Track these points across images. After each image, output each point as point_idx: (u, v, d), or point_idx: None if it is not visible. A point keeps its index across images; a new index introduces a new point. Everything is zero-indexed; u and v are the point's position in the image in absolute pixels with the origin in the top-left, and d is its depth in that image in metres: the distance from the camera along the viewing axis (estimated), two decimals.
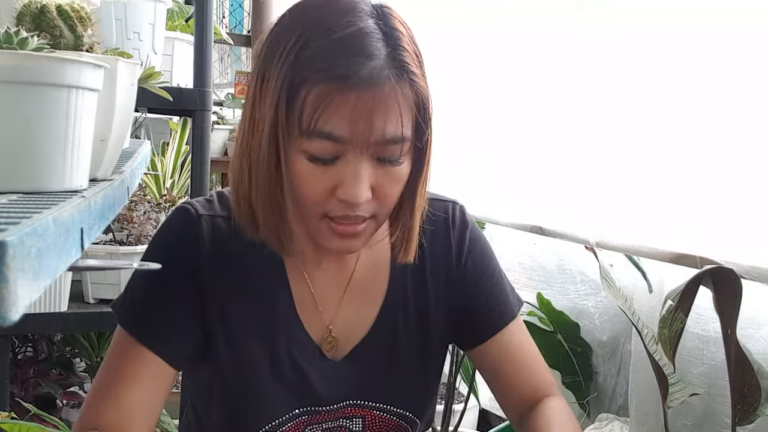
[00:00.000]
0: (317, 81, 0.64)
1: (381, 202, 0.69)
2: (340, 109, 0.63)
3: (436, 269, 0.83)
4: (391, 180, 0.69)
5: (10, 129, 0.48)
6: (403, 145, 0.67)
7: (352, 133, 0.64)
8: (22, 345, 1.75)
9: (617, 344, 1.51)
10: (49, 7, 0.60)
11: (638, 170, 1.29)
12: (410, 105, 0.66)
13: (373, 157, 0.67)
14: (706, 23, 1.15)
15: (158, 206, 1.68)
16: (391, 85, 0.64)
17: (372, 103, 0.64)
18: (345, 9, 0.66)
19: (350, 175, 0.66)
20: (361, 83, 0.63)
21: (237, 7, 4.40)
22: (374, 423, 0.82)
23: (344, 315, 0.81)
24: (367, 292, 0.82)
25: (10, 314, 0.28)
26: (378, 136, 0.65)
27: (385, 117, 0.64)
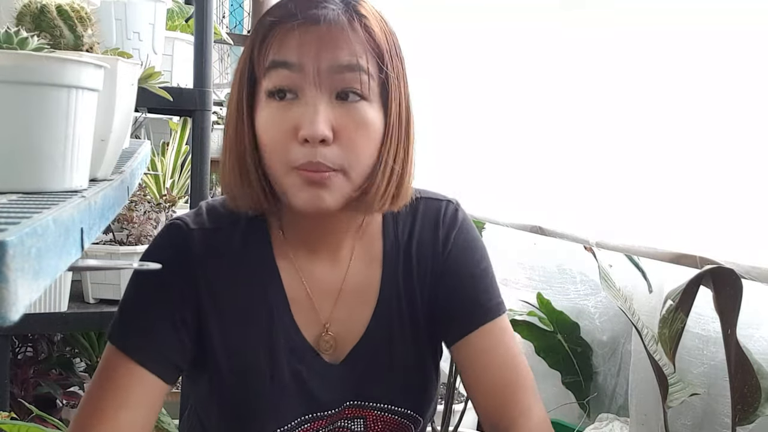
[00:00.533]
0: (272, 26, 0.69)
1: (346, 151, 0.68)
2: (291, 38, 0.67)
3: (423, 267, 0.83)
4: (353, 121, 0.68)
5: (10, 129, 0.48)
6: (360, 76, 0.67)
7: (303, 58, 0.67)
8: (22, 345, 1.75)
9: (617, 344, 1.51)
10: (49, 7, 0.60)
11: (638, 170, 1.29)
12: (364, 44, 0.68)
13: (331, 92, 0.68)
14: (706, 23, 1.15)
15: (158, 206, 1.68)
16: (341, 22, 0.67)
17: (322, 33, 0.67)
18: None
19: (306, 110, 0.67)
20: (313, 18, 0.67)
21: (237, 7, 4.40)
22: (376, 423, 0.82)
23: (340, 315, 0.81)
24: (360, 292, 0.81)
25: (10, 314, 0.28)
26: (330, 62, 0.67)
27: (335, 45, 0.67)
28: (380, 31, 0.70)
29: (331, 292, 0.81)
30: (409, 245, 0.81)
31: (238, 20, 4.44)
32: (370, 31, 0.69)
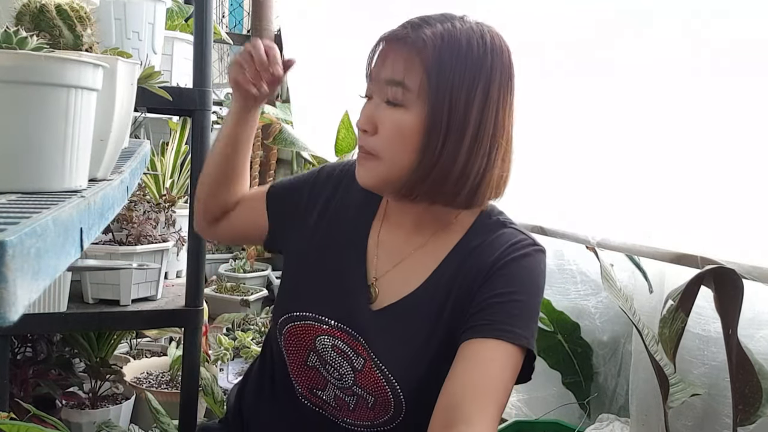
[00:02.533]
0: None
1: (379, 141, 0.85)
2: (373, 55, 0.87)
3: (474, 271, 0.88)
4: (389, 120, 0.84)
5: (10, 129, 0.48)
6: (397, 89, 0.83)
7: (371, 72, 0.87)
8: (21, 345, 1.75)
9: (617, 344, 1.51)
10: (48, 6, 0.60)
11: (639, 171, 1.29)
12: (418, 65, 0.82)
13: (384, 99, 0.85)
14: (706, 23, 1.15)
15: (158, 206, 1.68)
16: (400, 42, 0.84)
17: (387, 50, 0.85)
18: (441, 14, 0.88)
19: (364, 107, 0.88)
20: (388, 38, 0.86)
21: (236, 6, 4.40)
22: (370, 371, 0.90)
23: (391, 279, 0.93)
24: (415, 271, 0.92)
25: (9, 314, 0.28)
26: (381, 76, 0.85)
27: (392, 62, 0.84)
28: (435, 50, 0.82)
29: (393, 259, 0.95)
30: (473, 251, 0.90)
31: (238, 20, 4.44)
32: (422, 49, 0.82)
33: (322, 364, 0.94)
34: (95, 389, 1.84)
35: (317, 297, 0.95)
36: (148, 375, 2.12)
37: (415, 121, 0.83)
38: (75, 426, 1.75)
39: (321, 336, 0.93)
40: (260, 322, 2.49)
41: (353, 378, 0.92)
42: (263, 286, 3.24)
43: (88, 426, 1.75)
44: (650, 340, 1.01)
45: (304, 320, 0.94)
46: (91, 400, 1.83)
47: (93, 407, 1.81)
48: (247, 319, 2.55)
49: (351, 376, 0.92)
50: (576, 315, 1.55)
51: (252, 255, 3.38)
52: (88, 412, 1.79)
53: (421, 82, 0.82)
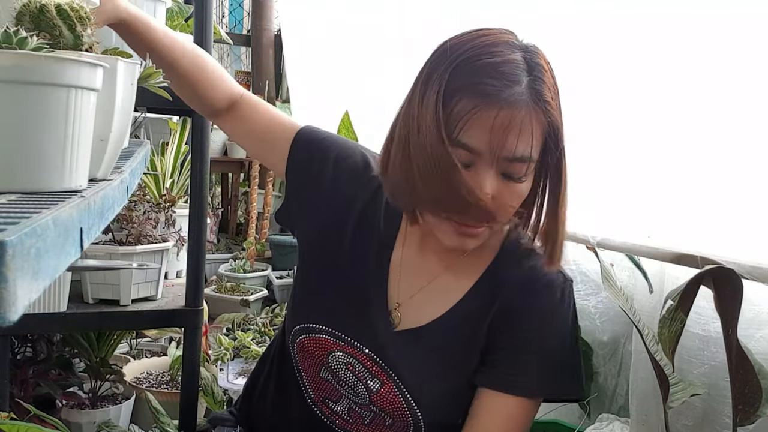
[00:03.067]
0: (466, 93, 0.74)
1: (498, 213, 0.78)
2: (481, 124, 0.73)
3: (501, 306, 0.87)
4: (512, 194, 0.78)
5: (10, 129, 0.48)
6: (528, 165, 0.76)
7: (487, 147, 0.74)
8: (21, 345, 1.75)
9: (618, 344, 1.51)
10: (48, 6, 0.60)
11: (639, 170, 1.29)
12: (542, 130, 0.76)
13: (499, 171, 0.76)
14: (705, 22, 1.15)
15: (158, 206, 1.68)
16: (527, 110, 0.74)
17: (509, 123, 0.73)
18: (499, 42, 0.77)
19: (476, 182, 0.75)
20: (502, 102, 0.73)
21: (236, 6, 4.40)
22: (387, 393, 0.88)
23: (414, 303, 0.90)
24: (442, 294, 0.89)
25: (9, 314, 0.28)
26: (508, 153, 0.74)
27: (518, 136, 0.74)
28: (556, 110, 0.77)
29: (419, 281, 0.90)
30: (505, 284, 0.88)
31: (238, 20, 4.44)
32: (550, 115, 0.76)
33: (335, 379, 0.92)
34: (95, 389, 1.85)
35: (334, 311, 0.91)
36: (148, 375, 2.12)
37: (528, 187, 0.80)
38: (75, 426, 1.75)
39: (335, 352, 0.90)
40: (260, 322, 2.49)
41: (368, 398, 0.89)
42: (263, 286, 3.24)
43: (88, 426, 1.75)
44: (650, 340, 1.01)
45: (318, 333, 0.90)
46: (91, 400, 1.83)
47: (93, 407, 1.81)
48: (247, 319, 2.55)
49: (366, 396, 0.89)
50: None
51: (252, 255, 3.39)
52: (88, 412, 1.79)
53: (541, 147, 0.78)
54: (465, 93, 0.73)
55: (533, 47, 0.80)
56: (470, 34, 0.79)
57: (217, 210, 3.68)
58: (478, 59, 0.75)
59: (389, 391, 0.87)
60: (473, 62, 0.75)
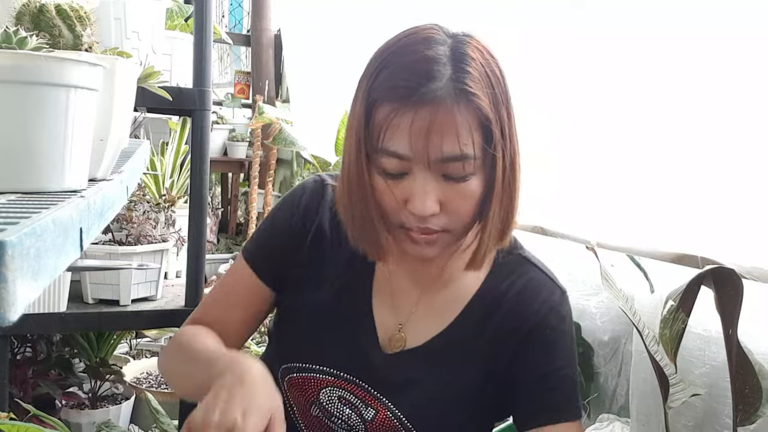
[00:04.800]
0: (383, 101, 0.71)
1: (452, 217, 0.74)
2: (400, 127, 0.70)
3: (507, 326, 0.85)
4: (460, 196, 0.73)
5: (9, 129, 0.48)
6: (464, 163, 0.71)
7: (413, 151, 0.70)
8: (21, 345, 1.75)
9: (618, 345, 1.51)
10: (48, 6, 0.60)
11: (640, 171, 1.29)
12: (470, 124, 0.70)
13: (439, 173, 0.71)
14: (706, 23, 1.15)
15: (157, 206, 1.68)
16: (447, 106, 0.69)
17: (429, 121, 0.69)
18: (419, 39, 0.73)
19: (416, 190, 0.72)
20: (420, 102, 0.68)
21: (236, 6, 4.40)
22: (382, 421, 0.84)
23: (415, 319, 0.86)
24: (442, 306, 0.85)
25: (9, 314, 0.28)
26: (437, 154, 0.70)
27: (441, 134, 0.69)
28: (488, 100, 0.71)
29: (408, 300, 0.86)
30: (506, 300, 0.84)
31: (238, 19, 4.44)
32: (477, 106, 0.70)
33: (327, 416, 0.87)
34: (95, 389, 1.84)
35: (321, 346, 0.85)
36: (147, 375, 2.12)
37: (481, 180, 0.74)
38: (75, 426, 1.75)
39: (326, 388, 0.85)
40: None
41: (363, 427, 0.86)
42: None
43: (87, 426, 1.75)
44: (650, 341, 1.01)
45: (306, 372, 0.85)
46: (91, 401, 1.83)
47: (93, 407, 1.81)
48: None
49: (361, 426, 0.86)
50: (577, 315, 1.54)
51: None
52: (87, 412, 1.79)
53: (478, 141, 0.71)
54: (382, 100, 0.71)
55: (463, 37, 0.74)
56: (394, 38, 0.76)
57: (217, 210, 3.68)
58: (394, 62, 0.72)
59: (384, 418, 0.84)
60: (390, 66, 0.72)
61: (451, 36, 0.74)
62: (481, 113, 0.70)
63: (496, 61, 0.75)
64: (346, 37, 2.25)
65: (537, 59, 1.54)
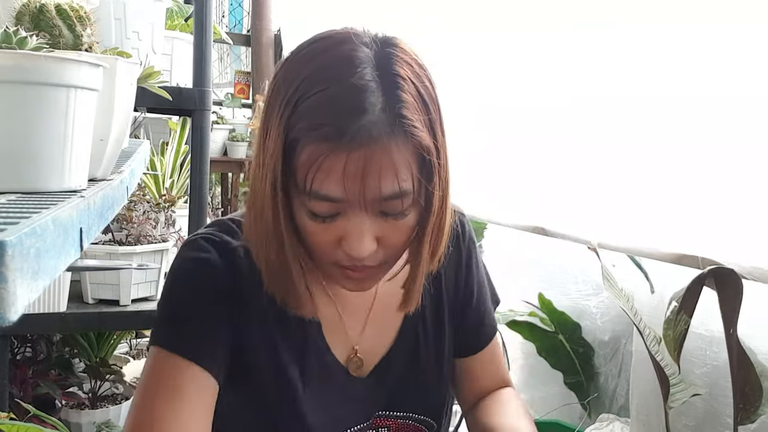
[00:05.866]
0: (309, 140, 0.62)
1: (388, 250, 0.68)
2: (332, 171, 0.62)
3: (449, 281, 0.86)
4: (398, 231, 0.67)
5: (9, 129, 0.48)
6: (403, 200, 0.65)
7: (347, 194, 0.63)
8: (21, 345, 1.75)
9: (618, 345, 1.51)
10: (48, 6, 0.60)
11: (640, 171, 1.29)
12: (408, 157, 0.63)
13: (375, 211, 0.65)
14: (707, 23, 1.15)
15: (157, 206, 1.68)
16: (383, 142, 0.61)
17: (364, 162, 0.61)
18: (342, 59, 0.64)
19: (352, 231, 0.65)
20: (353, 142, 0.60)
21: (236, 6, 4.40)
22: (398, 430, 0.84)
23: (368, 333, 0.82)
24: (389, 308, 0.81)
25: (9, 314, 0.28)
26: (374, 195, 0.63)
27: (379, 175, 0.62)
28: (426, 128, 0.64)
29: (361, 312, 0.82)
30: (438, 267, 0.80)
31: (238, 19, 4.44)
32: (416, 139, 0.63)
33: None
34: (95, 389, 1.84)
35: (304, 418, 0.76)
36: None
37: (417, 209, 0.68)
38: (75, 426, 1.75)
39: None
40: None
41: None
42: None
43: (87, 426, 1.75)
44: (651, 341, 1.01)
45: None
46: (91, 401, 1.83)
47: (93, 407, 1.81)
48: None
49: None
50: (577, 315, 1.55)
51: None
52: (87, 412, 1.79)
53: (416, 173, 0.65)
54: (306, 139, 0.62)
55: (387, 48, 0.65)
56: (304, 52, 0.66)
57: (217, 210, 3.68)
58: (313, 93, 0.62)
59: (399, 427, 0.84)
60: (308, 98, 0.62)
61: (372, 44, 0.65)
62: (421, 145, 0.63)
63: (425, 71, 0.67)
64: None
65: (536, 58, 1.54)
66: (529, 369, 1.69)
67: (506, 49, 1.64)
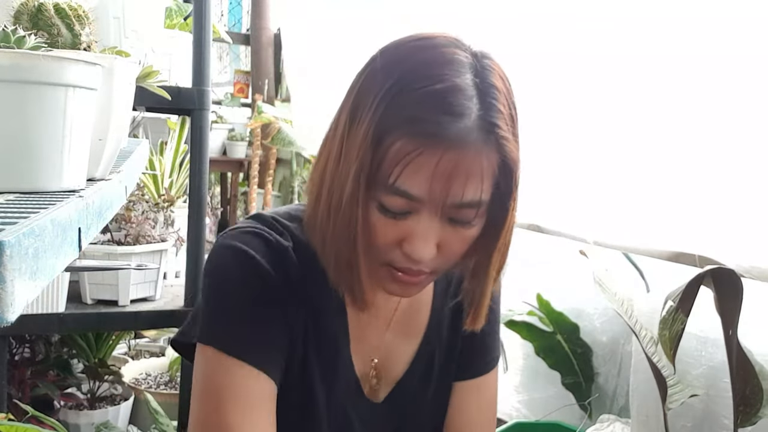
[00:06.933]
0: (403, 134, 0.61)
1: (444, 258, 0.67)
2: (421, 169, 0.61)
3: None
4: (459, 239, 0.66)
5: (7, 128, 0.48)
6: (478, 210, 0.64)
7: (429, 194, 0.62)
8: (19, 346, 1.75)
9: (617, 345, 1.51)
10: (46, 5, 0.60)
11: (637, 168, 1.29)
12: (494, 168, 0.64)
13: (445, 217, 0.64)
14: (705, 21, 1.15)
15: (156, 206, 1.68)
16: (477, 148, 0.61)
17: (454, 166, 0.61)
18: (443, 60, 0.63)
19: (419, 233, 0.64)
20: (446, 143, 0.60)
21: (236, 5, 4.39)
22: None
23: (387, 347, 0.80)
24: (408, 327, 0.81)
25: (7, 315, 0.28)
26: (455, 200, 0.63)
27: (465, 181, 0.62)
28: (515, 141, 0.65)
29: (383, 322, 0.80)
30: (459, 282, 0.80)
31: (237, 18, 4.43)
32: (506, 151, 0.64)
33: None
34: (94, 390, 1.84)
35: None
36: (146, 376, 2.11)
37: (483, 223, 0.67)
38: (73, 427, 1.75)
39: None
40: None
41: None
42: None
43: (86, 427, 1.75)
44: (647, 342, 1.01)
45: None
46: (90, 401, 1.83)
47: (91, 408, 1.81)
48: None
49: None
50: (575, 316, 1.55)
51: None
52: (86, 413, 1.79)
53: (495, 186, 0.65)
54: (401, 132, 0.61)
55: (485, 60, 0.66)
56: (405, 47, 0.66)
57: (216, 210, 3.67)
58: (415, 87, 0.61)
59: None
60: (410, 91, 0.61)
61: (472, 55, 0.65)
62: (509, 158, 0.64)
63: (512, 89, 0.68)
64: (347, 35, 2.25)
65: (535, 57, 1.54)
66: (528, 370, 1.70)
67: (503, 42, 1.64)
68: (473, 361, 0.85)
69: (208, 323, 0.72)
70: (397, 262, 0.67)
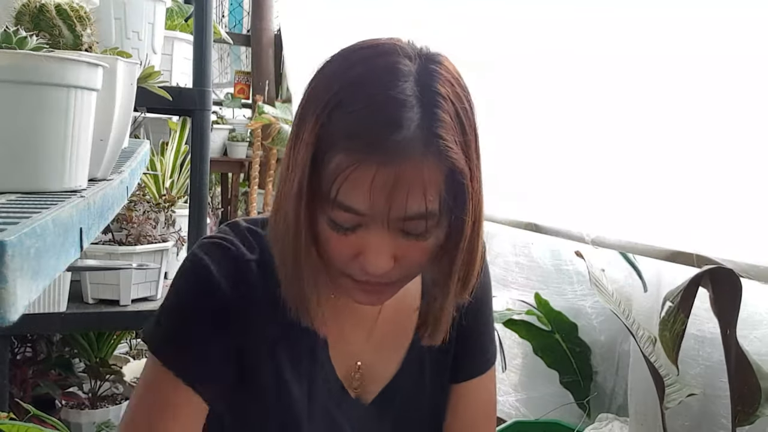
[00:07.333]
0: (341, 149, 0.61)
1: (406, 269, 0.67)
2: (360, 183, 0.60)
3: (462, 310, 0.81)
4: (417, 251, 0.65)
5: (10, 129, 0.48)
6: (427, 221, 0.63)
7: (371, 208, 0.61)
8: (21, 345, 1.75)
9: (615, 344, 1.51)
10: (48, 6, 0.60)
11: (635, 168, 1.29)
12: (438, 178, 0.62)
13: (396, 229, 0.63)
14: (705, 21, 1.15)
15: (157, 206, 1.68)
16: (417, 160, 0.60)
17: (393, 179, 0.60)
18: (383, 70, 0.62)
19: (372, 246, 0.64)
20: (383, 157, 0.59)
21: (236, 6, 4.39)
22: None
23: (371, 350, 0.80)
24: (396, 329, 0.80)
25: (9, 314, 0.28)
26: (399, 213, 0.62)
27: (407, 193, 0.61)
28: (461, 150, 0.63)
29: (365, 324, 0.80)
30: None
31: (238, 19, 4.43)
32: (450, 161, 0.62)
33: None
34: (95, 389, 1.85)
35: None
36: None
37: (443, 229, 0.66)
38: (75, 426, 1.75)
39: None
40: None
41: None
42: None
43: (87, 426, 1.75)
44: (645, 342, 1.01)
45: None
46: (91, 401, 1.83)
47: (93, 407, 1.82)
48: None
49: None
50: (573, 315, 1.55)
51: None
52: (87, 412, 1.79)
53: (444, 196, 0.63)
54: (339, 147, 0.61)
55: (431, 65, 0.64)
56: (350, 57, 0.65)
57: (216, 210, 3.67)
58: (353, 100, 0.61)
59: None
60: (347, 105, 0.61)
61: (416, 58, 0.64)
62: (454, 167, 0.62)
63: (466, 92, 0.66)
64: (347, 35, 2.25)
65: (532, 51, 1.54)
66: (526, 369, 1.70)
67: (502, 42, 1.64)
68: (469, 362, 0.85)
69: (155, 320, 0.75)
70: (357, 276, 0.67)
